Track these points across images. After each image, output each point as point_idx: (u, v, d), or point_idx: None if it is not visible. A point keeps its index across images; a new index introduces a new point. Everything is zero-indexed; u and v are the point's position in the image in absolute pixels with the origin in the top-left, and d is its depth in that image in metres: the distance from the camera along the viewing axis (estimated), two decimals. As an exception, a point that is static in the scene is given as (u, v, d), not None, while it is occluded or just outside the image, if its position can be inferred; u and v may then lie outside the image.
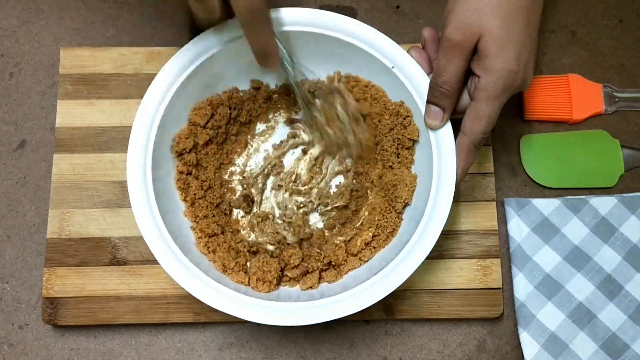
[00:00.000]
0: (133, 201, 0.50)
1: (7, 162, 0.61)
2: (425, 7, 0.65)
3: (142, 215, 0.50)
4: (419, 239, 0.50)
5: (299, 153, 0.60)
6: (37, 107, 0.62)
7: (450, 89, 0.49)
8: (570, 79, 0.63)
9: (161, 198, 0.51)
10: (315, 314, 0.48)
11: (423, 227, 0.50)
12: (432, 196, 0.50)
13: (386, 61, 0.53)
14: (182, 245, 0.50)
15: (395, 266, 0.49)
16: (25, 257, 0.59)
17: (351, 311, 0.48)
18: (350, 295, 0.49)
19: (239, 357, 0.57)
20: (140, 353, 0.57)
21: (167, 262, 0.49)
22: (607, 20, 0.66)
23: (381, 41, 0.53)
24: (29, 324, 0.58)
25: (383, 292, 0.48)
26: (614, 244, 0.59)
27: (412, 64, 0.53)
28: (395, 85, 0.54)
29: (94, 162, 0.59)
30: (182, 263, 0.49)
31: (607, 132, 0.62)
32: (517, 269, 0.58)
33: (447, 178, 0.50)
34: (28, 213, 0.60)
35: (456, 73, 0.49)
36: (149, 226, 0.49)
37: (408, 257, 0.49)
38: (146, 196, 0.50)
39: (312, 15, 0.54)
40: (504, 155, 0.62)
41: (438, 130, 0.52)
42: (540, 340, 0.57)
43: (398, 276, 0.49)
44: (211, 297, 0.48)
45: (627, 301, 0.58)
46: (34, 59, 0.63)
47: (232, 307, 0.48)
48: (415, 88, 0.53)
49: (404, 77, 0.53)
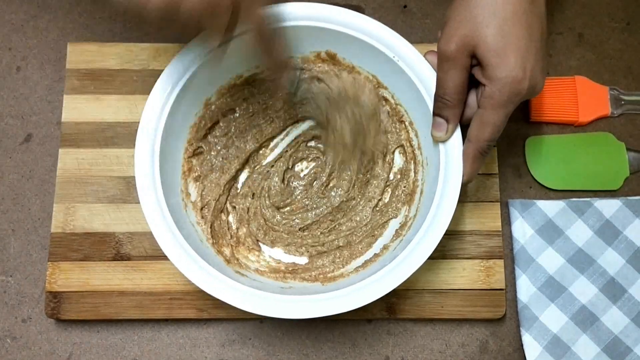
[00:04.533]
0: (141, 194, 0.50)
1: (13, 156, 0.61)
2: (432, 6, 0.65)
3: (150, 208, 0.50)
4: (422, 239, 0.50)
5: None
6: (43, 101, 0.62)
7: (452, 100, 0.49)
8: (576, 81, 0.63)
9: (169, 191, 0.52)
10: (318, 307, 0.48)
11: (427, 228, 0.50)
12: (437, 198, 0.50)
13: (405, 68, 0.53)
14: (188, 236, 0.51)
15: (397, 264, 0.49)
16: (30, 251, 0.59)
17: (352, 307, 0.48)
18: (352, 291, 0.49)
19: (241, 354, 0.57)
20: (142, 348, 0.57)
21: (174, 253, 0.49)
22: (614, 22, 0.65)
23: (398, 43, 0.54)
24: (32, 317, 0.58)
25: (385, 289, 0.48)
26: (618, 247, 0.59)
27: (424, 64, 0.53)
28: (405, 82, 0.54)
29: (100, 157, 0.59)
30: (190, 255, 0.49)
31: (613, 135, 0.62)
32: (520, 271, 0.58)
33: (452, 182, 0.50)
34: (33, 207, 0.60)
35: (454, 84, 0.48)
36: (156, 218, 0.50)
37: (411, 256, 0.49)
38: (154, 189, 0.50)
39: (324, 10, 0.54)
40: (509, 156, 0.62)
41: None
42: (542, 342, 0.57)
43: (400, 274, 0.49)
44: (216, 289, 0.48)
45: (630, 304, 0.58)
46: (41, 54, 0.63)
47: (235, 299, 0.48)
48: (427, 89, 0.53)
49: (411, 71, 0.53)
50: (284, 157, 0.60)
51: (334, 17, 0.54)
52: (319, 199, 0.59)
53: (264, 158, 0.60)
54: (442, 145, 0.51)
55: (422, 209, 0.53)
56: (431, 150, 0.53)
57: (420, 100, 0.53)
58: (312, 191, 0.59)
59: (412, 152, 0.57)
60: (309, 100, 0.58)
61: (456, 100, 0.49)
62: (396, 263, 0.49)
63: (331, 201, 0.58)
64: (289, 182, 0.60)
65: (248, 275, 0.54)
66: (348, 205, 0.59)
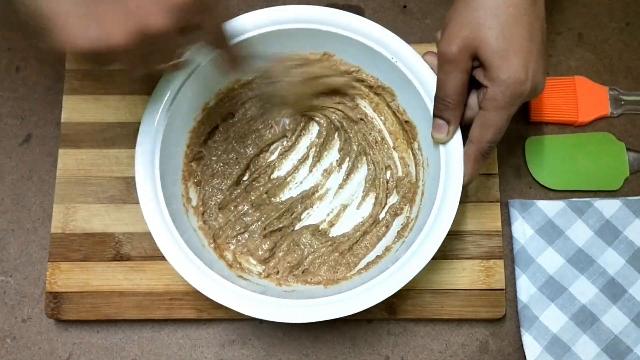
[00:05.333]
0: (142, 200, 0.50)
1: (13, 157, 0.61)
2: (432, 6, 0.65)
3: (151, 213, 0.50)
4: (423, 241, 0.50)
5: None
6: (43, 101, 0.62)
7: (452, 101, 0.49)
8: (576, 81, 0.63)
9: (169, 197, 0.52)
10: (321, 311, 0.48)
11: (428, 230, 0.50)
12: (438, 200, 0.50)
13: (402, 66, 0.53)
14: (189, 241, 0.51)
15: (400, 267, 0.49)
16: (30, 251, 0.59)
17: (354, 310, 0.48)
18: (354, 295, 0.49)
19: (241, 355, 0.57)
20: (142, 348, 0.57)
21: (176, 258, 0.49)
22: (614, 22, 0.65)
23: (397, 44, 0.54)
24: (32, 317, 0.58)
25: (388, 292, 0.48)
26: (618, 247, 0.59)
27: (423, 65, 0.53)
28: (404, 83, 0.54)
29: (99, 158, 0.59)
30: (191, 260, 0.49)
31: (613, 135, 0.62)
32: (520, 271, 0.58)
33: (453, 183, 0.50)
34: (33, 207, 0.60)
35: (455, 86, 0.48)
36: (158, 224, 0.50)
37: (413, 258, 0.49)
38: (155, 195, 0.50)
39: (321, 12, 0.54)
40: (509, 156, 0.62)
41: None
42: (542, 342, 0.57)
43: (402, 277, 0.49)
44: (218, 293, 0.48)
45: (631, 304, 0.58)
46: (41, 54, 0.63)
47: (238, 304, 0.48)
48: (426, 90, 0.53)
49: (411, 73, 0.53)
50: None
51: (331, 19, 0.54)
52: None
53: (264, 161, 0.60)
54: (443, 146, 0.51)
55: (424, 210, 0.53)
56: (432, 152, 0.53)
57: (419, 101, 0.53)
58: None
59: (413, 153, 0.57)
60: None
61: (457, 102, 0.49)
62: (398, 266, 0.49)
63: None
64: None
65: (250, 279, 0.54)
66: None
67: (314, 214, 0.59)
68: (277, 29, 0.53)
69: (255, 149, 0.59)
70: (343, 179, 0.59)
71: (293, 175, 0.60)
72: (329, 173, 0.60)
